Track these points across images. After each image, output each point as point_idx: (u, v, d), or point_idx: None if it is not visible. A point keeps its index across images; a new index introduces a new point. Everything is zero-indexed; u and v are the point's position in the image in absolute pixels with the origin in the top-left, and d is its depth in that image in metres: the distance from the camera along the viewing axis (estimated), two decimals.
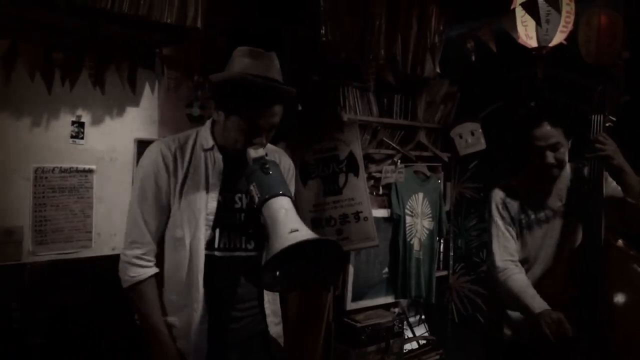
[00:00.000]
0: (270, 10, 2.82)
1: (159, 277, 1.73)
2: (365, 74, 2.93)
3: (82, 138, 2.46)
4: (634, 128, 2.75)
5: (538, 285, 2.11)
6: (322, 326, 2.92)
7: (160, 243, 1.74)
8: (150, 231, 1.70)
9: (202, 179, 1.71)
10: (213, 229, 1.70)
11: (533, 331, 1.99)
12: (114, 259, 1.76)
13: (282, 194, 1.54)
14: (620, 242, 2.04)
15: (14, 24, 2.17)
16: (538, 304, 2.01)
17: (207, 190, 1.70)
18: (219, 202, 1.71)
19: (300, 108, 2.89)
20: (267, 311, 1.81)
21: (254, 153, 1.62)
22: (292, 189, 1.89)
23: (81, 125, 2.46)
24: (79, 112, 2.46)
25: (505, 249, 2.21)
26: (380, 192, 3.28)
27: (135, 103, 2.62)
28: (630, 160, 2.01)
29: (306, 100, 2.90)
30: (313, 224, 2.93)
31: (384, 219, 3.28)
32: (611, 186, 2.12)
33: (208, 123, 1.77)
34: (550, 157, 2.11)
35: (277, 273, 1.50)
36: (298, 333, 2.86)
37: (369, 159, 3.19)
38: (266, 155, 1.65)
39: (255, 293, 1.79)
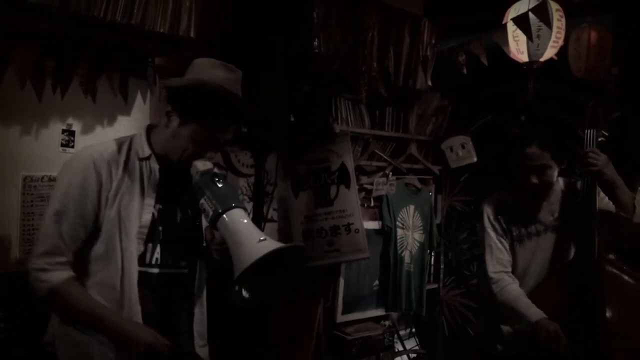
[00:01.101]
0: (263, 21, 2.83)
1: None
2: (358, 85, 2.95)
3: (72, 147, 2.44)
4: (625, 142, 2.78)
5: (530, 299, 2.11)
6: (312, 339, 2.90)
7: (79, 258, 1.57)
8: (67, 244, 1.53)
9: (137, 189, 1.59)
10: (145, 243, 1.58)
11: (529, 341, 1.99)
12: None
13: (237, 206, 1.48)
14: (612, 256, 2.05)
15: (6, 31, 2.15)
16: (534, 312, 2.01)
17: (142, 201, 1.59)
18: (153, 215, 1.60)
19: (292, 119, 2.89)
20: (195, 333, 1.71)
21: (201, 166, 1.55)
22: None
23: (71, 133, 2.43)
24: (70, 120, 2.43)
25: (498, 260, 2.21)
26: (372, 204, 3.28)
27: (127, 112, 2.60)
28: (622, 173, 2.03)
29: (298, 111, 2.90)
30: (304, 236, 2.93)
31: (375, 231, 3.28)
32: (603, 201, 2.14)
33: (142, 131, 1.67)
34: (534, 178, 2.13)
35: (242, 289, 1.45)
36: (288, 345, 2.84)
37: (360, 170, 3.20)
38: (213, 167, 1.58)
39: (185, 312, 1.70)
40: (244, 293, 1.46)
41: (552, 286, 2.12)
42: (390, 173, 3.31)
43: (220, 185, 1.52)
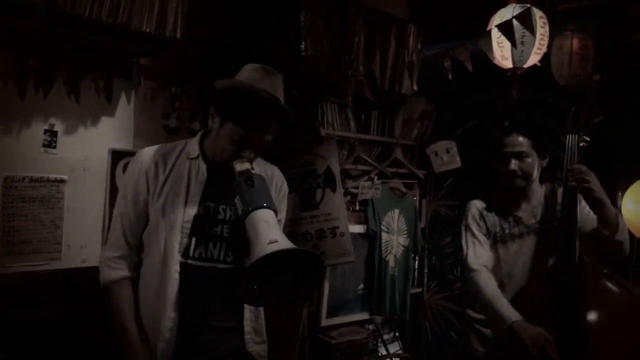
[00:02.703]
0: (250, 24, 2.82)
1: (134, 282, 1.73)
2: (344, 89, 2.95)
3: (55, 147, 2.41)
4: (606, 148, 2.83)
5: (513, 302, 2.12)
6: (297, 342, 2.89)
7: (139, 248, 1.74)
8: (126, 236, 1.71)
9: (184, 186, 1.70)
10: (189, 237, 1.68)
11: (507, 341, 2.00)
12: (84, 272, 1.74)
13: (265, 207, 1.53)
14: (593, 261, 2.07)
15: None
16: (513, 313, 2.01)
17: (187, 197, 1.69)
18: (198, 211, 1.69)
19: None
20: (247, 328, 1.77)
21: (239, 166, 1.62)
22: (284, 207, 1.93)
23: (54, 134, 2.40)
24: (52, 120, 2.40)
25: (480, 255, 2.23)
26: (357, 207, 3.28)
27: (111, 113, 2.57)
28: (603, 177, 2.05)
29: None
30: (289, 239, 2.90)
31: (360, 234, 3.28)
32: (584, 211, 2.15)
33: (199, 134, 1.79)
34: (514, 164, 2.15)
35: (255, 286, 1.48)
36: (272, 349, 2.82)
37: (346, 174, 3.20)
38: (252, 169, 1.64)
39: (232, 308, 1.75)
40: (254, 292, 1.50)
41: (534, 290, 2.13)
42: (376, 177, 3.32)
43: (253, 186, 1.56)
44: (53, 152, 2.41)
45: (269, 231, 1.47)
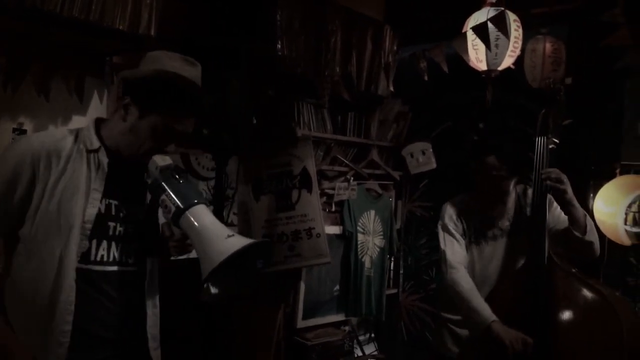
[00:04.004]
0: (226, 23, 2.80)
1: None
2: (320, 90, 2.95)
3: None
4: (577, 150, 2.88)
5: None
6: (272, 344, 2.87)
7: (9, 243, 1.51)
8: None
9: (82, 182, 1.51)
10: (90, 239, 1.50)
11: (483, 340, 2.02)
12: None
13: (200, 202, 1.45)
14: (563, 261, 2.10)
15: None
16: (490, 313, 2.04)
17: (87, 195, 1.51)
18: (99, 210, 1.52)
19: (254, 122, 2.87)
20: (148, 335, 1.63)
21: (161, 161, 1.50)
22: None
23: (23, 132, 2.34)
24: (21, 119, 2.34)
25: (458, 253, 2.26)
26: (333, 208, 3.28)
27: (82, 112, 2.52)
28: (572, 178, 2.09)
29: (261, 115, 2.88)
30: (265, 240, 2.89)
31: (336, 235, 3.28)
32: (555, 212, 2.19)
33: (90, 123, 1.60)
34: (491, 188, 2.21)
35: (210, 285, 1.42)
36: (248, 351, 2.80)
37: (322, 175, 3.19)
38: (173, 163, 1.53)
39: (133, 314, 1.61)
40: (212, 290, 1.42)
41: (506, 291, 2.15)
42: (352, 178, 3.32)
43: (181, 182, 1.48)
44: None
45: (218, 227, 1.40)
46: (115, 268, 1.56)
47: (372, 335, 3.67)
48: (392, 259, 3.71)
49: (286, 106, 3.04)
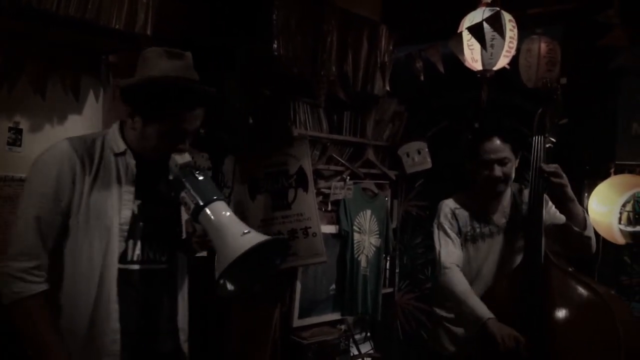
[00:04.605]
0: (222, 23, 2.80)
1: (50, 294, 1.52)
2: (317, 89, 2.95)
3: (20, 145, 2.34)
4: (572, 149, 2.89)
5: (482, 301, 2.15)
6: (268, 343, 2.87)
7: (53, 256, 1.54)
8: (45, 242, 1.49)
9: (114, 185, 1.56)
10: (127, 240, 1.56)
11: (479, 339, 2.02)
12: None
13: (219, 199, 1.48)
14: (560, 259, 2.11)
15: None
16: (486, 310, 2.04)
17: (120, 198, 1.57)
18: (133, 211, 1.58)
19: (250, 122, 2.87)
20: (180, 329, 1.71)
21: (180, 159, 1.54)
22: None
23: (19, 131, 2.34)
24: (17, 118, 2.34)
25: (452, 253, 2.26)
26: (329, 208, 3.28)
27: (78, 111, 2.52)
28: (569, 179, 2.10)
29: (257, 114, 2.88)
30: None
31: (332, 235, 3.28)
32: (551, 211, 2.20)
33: (115, 126, 1.65)
34: (498, 170, 2.18)
35: (227, 281, 1.45)
36: (244, 350, 2.80)
37: (318, 174, 3.20)
38: (193, 160, 1.57)
39: (168, 309, 1.68)
40: (228, 285, 1.45)
41: (502, 289, 2.16)
42: (348, 177, 3.32)
43: (200, 178, 1.50)
44: (18, 151, 2.34)
45: (236, 223, 1.43)
46: (149, 266, 1.62)
47: (368, 334, 3.68)
48: (388, 258, 3.72)
49: (282, 106, 3.04)
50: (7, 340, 1.60)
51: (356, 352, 3.45)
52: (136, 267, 1.59)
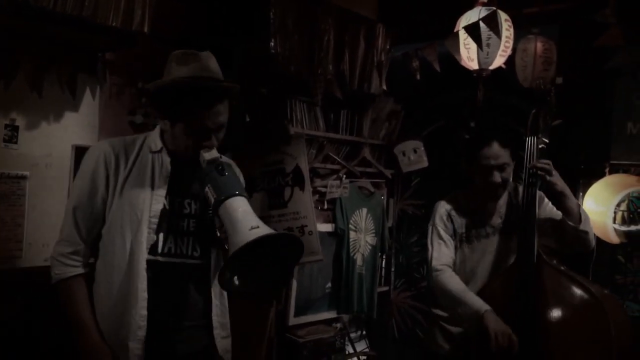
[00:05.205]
0: (220, 21, 2.80)
1: (89, 278, 1.68)
2: (313, 88, 2.96)
3: (16, 142, 2.34)
4: (567, 149, 2.91)
5: None
6: (264, 342, 2.88)
7: (94, 243, 1.69)
8: (80, 232, 1.66)
9: (148, 180, 1.66)
10: (157, 233, 1.65)
11: (476, 333, 2.03)
12: (46, 271, 1.68)
13: (238, 194, 1.51)
14: (552, 258, 2.12)
15: None
16: (482, 303, 2.05)
17: (152, 192, 1.66)
18: (164, 206, 1.66)
19: (248, 120, 2.87)
20: (215, 324, 1.75)
21: (207, 155, 1.60)
22: None
23: (15, 128, 2.34)
24: (13, 115, 2.33)
25: (444, 255, 2.26)
26: (325, 206, 3.29)
27: (75, 108, 2.52)
28: (564, 179, 2.11)
29: (254, 112, 2.89)
30: None
31: (328, 233, 3.28)
32: (547, 207, 2.21)
33: (158, 128, 1.75)
34: (497, 176, 2.18)
35: (235, 276, 1.48)
36: (240, 349, 2.80)
37: (314, 173, 3.20)
38: (220, 157, 1.62)
39: (201, 304, 1.73)
40: (236, 281, 1.49)
41: (496, 287, 2.17)
42: (344, 176, 3.33)
43: (224, 174, 1.54)
44: (14, 148, 2.34)
45: (248, 218, 1.45)
46: (181, 260, 1.69)
47: (364, 332, 3.68)
48: (384, 257, 3.73)
49: (279, 104, 3.05)
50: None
51: (352, 351, 3.46)
52: (167, 259, 1.66)
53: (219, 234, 1.65)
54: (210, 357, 1.75)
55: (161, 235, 1.66)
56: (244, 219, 1.45)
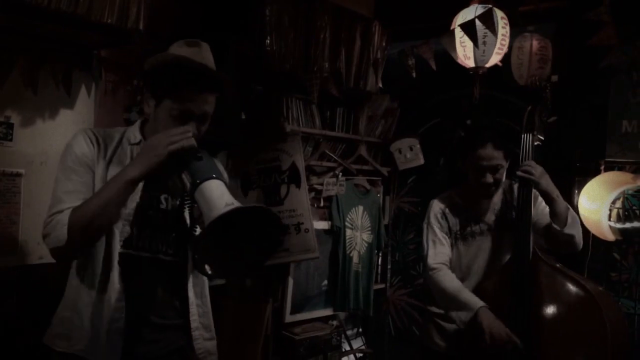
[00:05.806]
0: (215, 19, 2.79)
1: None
2: (309, 86, 2.96)
3: (11, 140, 2.33)
4: (563, 147, 2.91)
5: None
6: (260, 339, 2.88)
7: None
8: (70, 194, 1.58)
9: None
10: (131, 227, 1.61)
11: (470, 330, 2.04)
12: (41, 269, 1.67)
13: (215, 177, 1.47)
14: (547, 255, 2.13)
15: None
16: (477, 300, 2.06)
17: None
18: (141, 199, 1.62)
19: (243, 117, 2.87)
20: (194, 324, 1.70)
21: (185, 142, 1.54)
22: None
23: (10, 126, 2.33)
24: (8, 112, 2.32)
25: (440, 253, 2.27)
26: (321, 204, 3.29)
27: (70, 106, 2.51)
28: (557, 175, 2.12)
29: (250, 110, 2.88)
30: None
31: (325, 231, 3.29)
32: (540, 207, 2.22)
33: (138, 121, 1.73)
34: (489, 177, 2.19)
35: (211, 255, 1.43)
36: (236, 346, 2.81)
37: (310, 170, 3.20)
38: (197, 146, 1.56)
39: (176, 302, 1.69)
40: (207, 268, 1.45)
41: (492, 285, 2.18)
42: (340, 174, 3.34)
43: (200, 159, 1.50)
44: (9, 145, 2.33)
45: (224, 197, 1.41)
46: (155, 255, 1.65)
47: (360, 329, 3.69)
48: (380, 254, 3.74)
49: (275, 102, 3.05)
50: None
51: (348, 348, 3.47)
52: (141, 254, 1.63)
53: (195, 230, 1.62)
54: (185, 358, 1.71)
55: (135, 229, 1.62)
56: (220, 198, 1.40)
